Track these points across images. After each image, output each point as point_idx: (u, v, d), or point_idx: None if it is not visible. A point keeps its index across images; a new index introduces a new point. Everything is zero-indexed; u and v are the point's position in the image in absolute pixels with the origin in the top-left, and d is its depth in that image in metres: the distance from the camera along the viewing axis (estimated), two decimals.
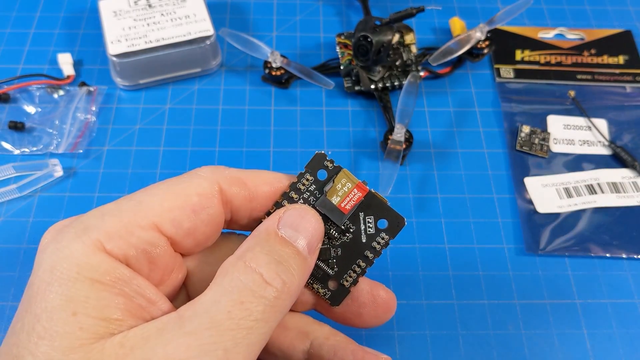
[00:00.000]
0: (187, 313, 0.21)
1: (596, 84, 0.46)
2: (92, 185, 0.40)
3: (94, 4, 0.49)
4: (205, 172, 0.24)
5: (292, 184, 0.26)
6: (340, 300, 0.26)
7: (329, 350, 0.26)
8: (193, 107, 0.44)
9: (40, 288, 0.20)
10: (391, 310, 0.27)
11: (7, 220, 0.38)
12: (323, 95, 0.45)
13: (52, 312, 0.20)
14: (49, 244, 0.21)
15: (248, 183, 0.25)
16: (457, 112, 0.44)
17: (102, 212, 0.22)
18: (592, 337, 0.35)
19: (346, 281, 0.26)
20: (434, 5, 0.50)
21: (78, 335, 0.19)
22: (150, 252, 0.22)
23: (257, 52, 0.44)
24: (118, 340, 0.20)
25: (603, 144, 0.43)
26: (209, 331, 0.20)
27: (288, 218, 0.24)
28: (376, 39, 0.41)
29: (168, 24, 0.44)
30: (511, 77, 0.46)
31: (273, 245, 0.23)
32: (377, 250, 0.26)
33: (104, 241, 0.21)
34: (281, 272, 0.22)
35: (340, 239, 0.26)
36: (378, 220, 0.26)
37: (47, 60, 0.46)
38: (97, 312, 0.20)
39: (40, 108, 0.43)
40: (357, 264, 0.26)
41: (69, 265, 0.20)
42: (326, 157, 0.26)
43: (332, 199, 0.25)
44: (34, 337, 0.19)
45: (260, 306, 0.21)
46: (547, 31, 0.49)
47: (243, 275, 0.21)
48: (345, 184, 0.25)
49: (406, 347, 0.34)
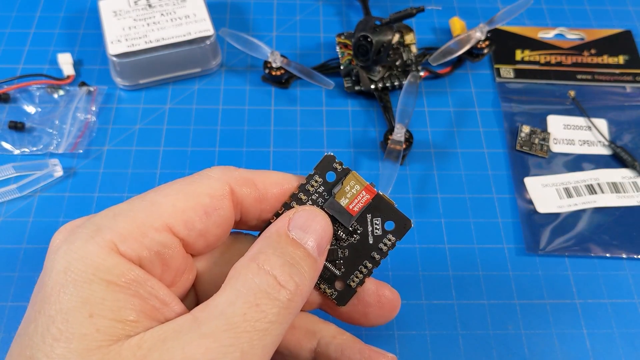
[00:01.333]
0: (202, 315, 0.21)
1: (596, 84, 0.46)
2: (92, 185, 0.40)
3: (94, 4, 0.49)
4: (215, 172, 0.24)
5: (300, 186, 0.26)
6: (347, 300, 0.26)
7: (336, 349, 0.26)
8: (193, 107, 0.44)
9: (54, 289, 0.20)
10: (396, 309, 0.28)
11: (7, 221, 0.38)
12: (323, 95, 0.45)
13: (67, 313, 0.19)
14: (61, 244, 0.21)
15: (258, 184, 0.25)
16: (457, 112, 0.44)
17: (115, 213, 0.22)
18: (592, 337, 0.35)
19: (353, 281, 0.26)
20: (434, 5, 0.50)
21: (95, 337, 0.19)
22: (163, 253, 0.22)
23: (257, 52, 0.44)
24: (135, 342, 0.20)
25: (603, 144, 0.43)
26: (226, 333, 0.20)
27: (298, 219, 0.24)
28: (376, 39, 0.41)
29: (168, 24, 0.44)
30: (511, 77, 0.46)
31: (284, 247, 0.23)
32: (383, 252, 0.26)
33: (118, 242, 0.21)
34: (294, 275, 0.22)
35: (348, 240, 0.26)
36: (385, 222, 0.26)
37: (47, 60, 0.46)
38: (114, 314, 0.20)
39: (40, 108, 0.43)
40: (364, 264, 0.26)
41: (84, 267, 0.20)
42: (335, 159, 0.26)
43: (340, 200, 0.26)
44: (48, 339, 0.19)
45: (275, 308, 0.21)
46: (547, 31, 0.49)
47: (257, 277, 0.21)
48: (354, 186, 0.26)
49: (406, 346, 0.34)
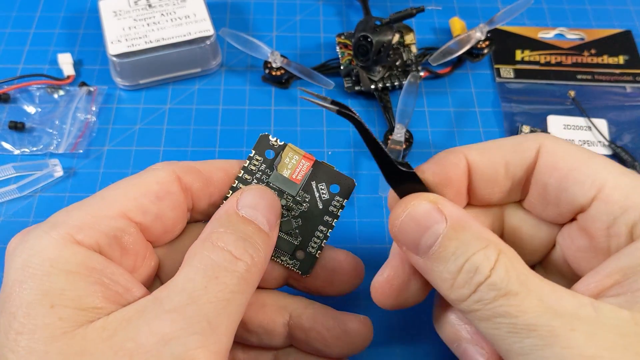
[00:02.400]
0: (163, 294, 0.21)
1: (596, 84, 0.46)
2: (92, 185, 0.40)
3: (94, 4, 0.49)
4: (159, 165, 0.26)
5: (243, 167, 0.27)
6: (310, 268, 0.27)
7: (309, 319, 0.27)
8: (193, 107, 0.44)
9: (14, 287, 0.20)
10: (360, 275, 0.29)
11: (7, 221, 0.38)
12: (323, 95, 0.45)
13: (28, 307, 0.20)
14: (17, 245, 0.22)
15: (202, 170, 0.26)
16: (457, 112, 0.44)
17: (67, 210, 0.23)
18: None
19: (312, 248, 0.27)
20: (434, 5, 0.50)
21: (58, 325, 0.20)
22: (121, 238, 0.23)
23: (257, 52, 0.44)
24: (100, 325, 0.20)
25: (603, 144, 0.43)
26: (189, 306, 0.20)
27: (245, 198, 0.25)
28: (376, 39, 0.41)
29: (168, 24, 0.44)
30: (511, 77, 0.46)
31: (236, 225, 0.24)
32: (334, 214, 0.27)
33: (74, 233, 0.22)
34: (248, 248, 0.23)
35: (298, 209, 0.27)
36: (330, 186, 0.27)
37: (47, 60, 0.46)
38: (75, 303, 0.20)
39: (40, 108, 0.43)
40: (319, 229, 0.27)
41: (41, 260, 0.21)
42: (270, 137, 0.27)
43: (283, 172, 0.27)
44: (12, 334, 0.19)
45: (234, 279, 0.22)
46: (547, 31, 0.49)
47: (213, 254, 0.22)
48: (293, 157, 0.27)
49: (407, 347, 0.34)
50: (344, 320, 0.28)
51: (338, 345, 0.27)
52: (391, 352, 0.33)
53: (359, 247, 0.37)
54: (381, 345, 0.33)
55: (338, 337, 0.27)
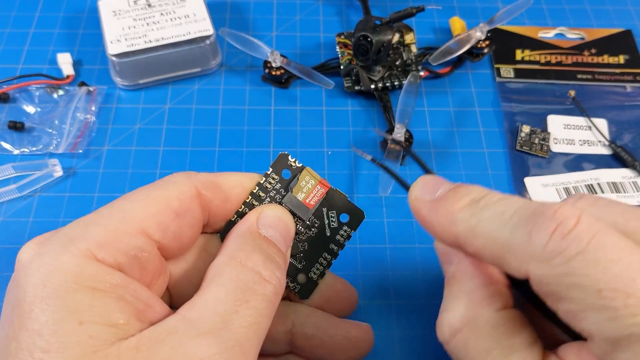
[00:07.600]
0: (192, 314, 0.21)
1: (596, 84, 0.46)
2: (92, 185, 0.40)
3: (93, 3, 0.49)
4: (180, 177, 0.25)
5: (259, 184, 0.27)
6: (309, 293, 0.28)
7: (312, 326, 0.27)
8: (193, 107, 0.44)
9: (35, 304, 0.20)
10: (353, 305, 0.29)
11: (7, 221, 0.38)
12: (323, 95, 0.45)
13: (55, 325, 0.19)
14: (32, 259, 0.21)
15: (223, 186, 0.26)
16: (457, 112, 0.44)
17: (85, 223, 0.22)
18: None
19: (314, 274, 0.27)
20: (434, 4, 0.50)
21: (89, 342, 0.19)
22: (140, 257, 0.22)
23: (257, 52, 0.44)
24: (133, 345, 0.20)
25: (603, 143, 0.43)
26: (224, 331, 0.21)
27: (265, 218, 0.25)
28: (376, 38, 0.41)
29: (168, 24, 0.44)
30: (511, 76, 0.46)
31: (260, 245, 0.24)
32: (340, 243, 0.27)
33: (95, 250, 0.21)
34: (275, 270, 0.23)
35: (307, 234, 0.27)
36: (340, 215, 0.27)
37: (47, 60, 0.46)
38: (104, 319, 0.20)
39: (40, 108, 0.43)
40: (323, 256, 0.27)
41: (64, 277, 0.20)
42: (289, 157, 0.27)
43: (297, 195, 0.27)
44: (37, 353, 0.19)
45: (264, 303, 0.22)
46: (547, 31, 0.49)
47: (242, 274, 0.22)
48: (309, 181, 0.27)
49: (406, 347, 0.34)
50: (347, 328, 0.28)
51: (340, 353, 0.28)
52: (392, 359, 0.34)
53: (359, 247, 0.37)
54: (382, 353, 0.34)
55: (340, 344, 0.27)
